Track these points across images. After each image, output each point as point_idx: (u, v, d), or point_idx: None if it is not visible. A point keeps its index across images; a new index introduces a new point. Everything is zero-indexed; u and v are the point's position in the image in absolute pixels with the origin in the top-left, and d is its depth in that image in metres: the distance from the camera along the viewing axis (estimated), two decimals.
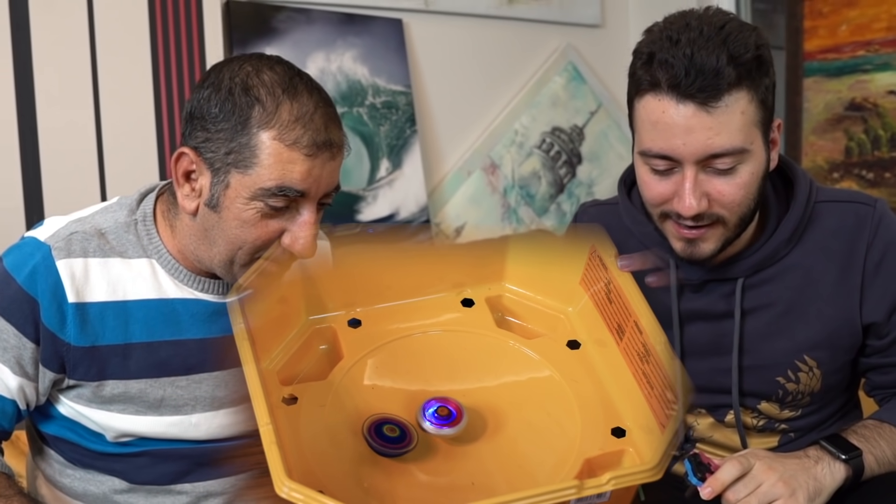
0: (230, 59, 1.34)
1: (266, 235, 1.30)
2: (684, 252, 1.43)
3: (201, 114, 1.29)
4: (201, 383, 1.41)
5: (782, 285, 1.49)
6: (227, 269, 1.34)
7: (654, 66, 1.34)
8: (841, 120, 2.90)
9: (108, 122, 2.28)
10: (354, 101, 2.65)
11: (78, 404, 1.38)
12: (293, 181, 1.27)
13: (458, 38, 2.89)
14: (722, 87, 1.31)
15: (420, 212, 2.71)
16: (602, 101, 3.13)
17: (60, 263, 1.32)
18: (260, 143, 1.26)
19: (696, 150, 1.34)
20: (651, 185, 1.41)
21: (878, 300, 1.48)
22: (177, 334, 1.39)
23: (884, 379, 1.53)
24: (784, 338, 1.49)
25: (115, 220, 1.39)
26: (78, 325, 1.33)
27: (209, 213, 1.31)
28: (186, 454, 1.42)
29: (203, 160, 1.30)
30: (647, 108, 1.37)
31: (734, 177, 1.37)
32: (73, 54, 2.25)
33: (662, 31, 1.36)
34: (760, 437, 1.56)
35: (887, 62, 2.80)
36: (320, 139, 1.28)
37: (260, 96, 1.27)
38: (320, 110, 1.29)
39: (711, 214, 1.39)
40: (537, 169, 3.00)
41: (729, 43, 1.32)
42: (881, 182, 2.82)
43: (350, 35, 2.65)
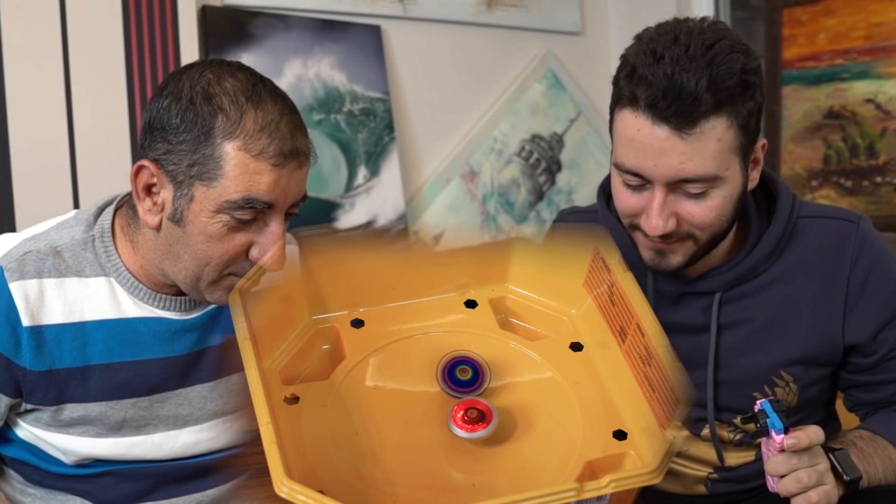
0: (189, 65, 1.30)
1: (234, 249, 1.27)
2: (652, 262, 1.43)
3: (161, 124, 1.25)
4: (164, 402, 1.37)
5: (761, 301, 1.48)
6: (194, 285, 1.31)
7: (635, 81, 1.33)
8: (819, 128, 2.91)
9: (80, 128, 2.24)
10: (332, 108, 2.62)
11: (36, 428, 1.34)
12: (260, 193, 1.24)
13: (437, 44, 2.87)
14: (698, 113, 1.29)
15: (398, 219, 2.69)
16: (582, 109, 3.13)
17: (14, 286, 1.28)
18: (224, 155, 1.22)
19: (666, 173, 1.33)
20: (623, 196, 1.41)
21: (862, 321, 1.46)
22: (137, 354, 1.35)
23: (870, 396, 1.53)
24: (761, 353, 1.48)
25: (71, 236, 1.35)
26: (34, 349, 1.29)
27: (173, 227, 1.27)
28: (150, 472, 1.39)
29: (164, 173, 1.26)
30: (625, 122, 1.35)
31: (705, 200, 1.36)
32: (45, 59, 2.21)
33: (649, 42, 1.34)
34: (737, 451, 1.54)
35: (865, 70, 2.82)
36: (287, 148, 1.25)
37: (223, 105, 1.23)
38: (286, 118, 1.26)
39: (680, 232, 1.38)
40: (516, 176, 2.98)
41: (713, 66, 1.29)
42: (859, 190, 2.84)
43: (328, 41, 2.63)
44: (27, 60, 2.18)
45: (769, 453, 1.28)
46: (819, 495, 1.26)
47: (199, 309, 1.39)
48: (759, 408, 1.28)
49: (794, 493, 1.27)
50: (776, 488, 1.28)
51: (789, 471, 1.26)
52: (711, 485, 1.57)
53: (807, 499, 1.26)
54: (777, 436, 1.25)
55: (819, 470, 1.27)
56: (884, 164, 2.80)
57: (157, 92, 1.28)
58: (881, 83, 2.80)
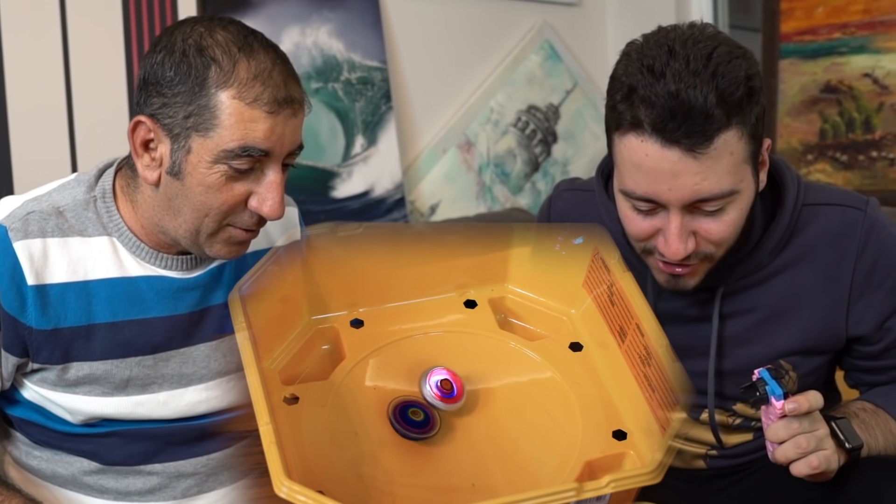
0: (180, 21, 1.31)
1: (232, 199, 1.27)
2: (668, 284, 1.39)
3: (156, 79, 1.26)
4: (168, 361, 1.38)
5: (763, 292, 1.46)
6: (194, 238, 1.31)
7: (636, 103, 1.25)
8: (816, 102, 2.91)
9: (79, 93, 2.23)
10: (329, 77, 2.61)
11: (43, 388, 1.35)
12: (256, 140, 1.24)
13: (435, 14, 2.85)
14: (711, 130, 1.23)
15: (395, 189, 2.68)
16: (578, 81, 3.12)
17: (18, 245, 1.29)
18: (219, 104, 1.23)
19: (682, 196, 1.28)
20: (634, 222, 1.35)
21: (867, 312, 1.45)
22: (141, 313, 1.36)
23: (873, 378, 1.52)
24: (762, 344, 1.47)
25: (73, 197, 1.36)
26: (39, 308, 1.30)
27: (172, 181, 1.28)
28: (156, 434, 1.40)
29: (161, 127, 1.26)
30: (629, 147, 1.29)
31: (722, 216, 1.31)
32: (42, 25, 2.19)
33: (642, 58, 1.27)
34: (736, 434, 1.55)
35: (863, 45, 2.82)
36: (281, 95, 1.25)
37: (216, 56, 1.24)
38: (278, 67, 1.26)
39: (698, 253, 1.34)
40: (512, 147, 2.98)
41: (718, 77, 1.23)
42: (855, 164, 2.85)
43: (325, 10, 2.61)
44: (25, 27, 2.17)
45: (769, 421, 1.28)
46: (819, 459, 1.26)
47: (200, 268, 1.40)
48: (757, 376, 1.27)
49: (794, 459, 1.26)
50: (775, 455, 1.27)
51: (790, 436, 1.25)
52: (710, 460, 1.57)
53: (807, 463, 1.25)
54: (777, 402, 1.25)
55: (818, 435, 1.26)
56: (880, 138, 2.80)
57: (150, 48, 1.29)
58: (879, 58, 2.80)
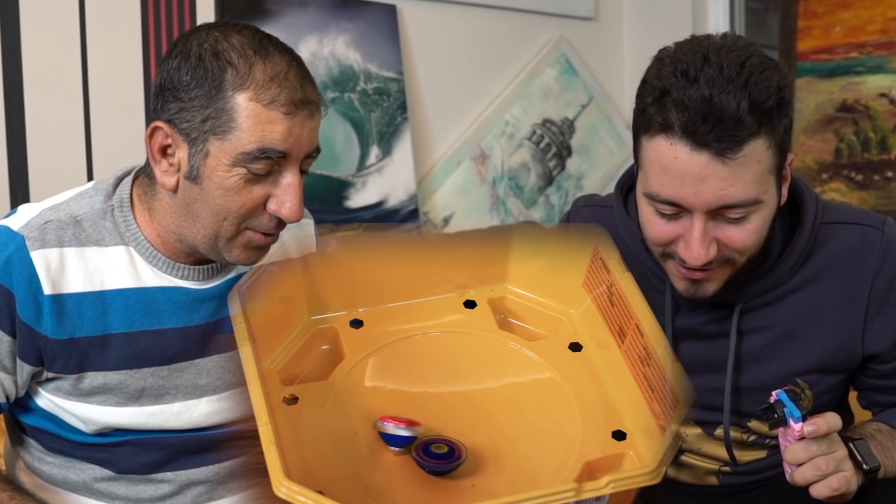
0: (196, 28, 1.31)
1: (251, 202, 1.27)
2: (687, 292, 1.39)
3: (172, 84, 1.26)
4: (183, 372, 1.38)
5: (780, 310, 1.45)
6: (213, 244, 1.31)
7: (668, 106, 1.26)
8: (832, 121, 2.91)
9: (96, 103, 2.25)
10: (346, 87, 2.62)
11: (57, 397, 1.35)
12: (274, 142, 1.24)
13: (452, 26, 2.87)
14: (741, 136, 1.24)
15: (409, 200, 2.69)
16: (593, 95, 3.13)
17: (35, 254, 1.29)
18: (236, 106, 1.23)
19: (708, 201, 1.28)
20: (656, 225, 1.35)
21: (883, 331, 1.44)
22: (157, 324, 1.36)
23: (887, 399, 1.52)
24: (778, 361, 1.46)
25: (90, 206, 1.36)
26: (55, 318, 1.30)
27: (190, 186, 1.28)
28: (168, 443, 1.40)
29: (178, 132, 1.27)
30: (658, 150, 1.29)
31: (745, 224, 1.31)
32: (62, 36, 2.22)
33: (676, 63, 1.28)
34: (750, 451, 1.54)
35: (880, 65, 2.81)
36: (297, 97, 1.25)
37: (231, 59, 1.24)
38: (294, 69, 1.26)
39: (719, 258, 1.34)
40: (527, 161, 2.99)
41: (751, 86, 1.23)
42: (870, 184, 2.83)
43: (343, 20, 2.63)
44: (45, 38, 2.19)
45: (786, 443, 1.27)
46: (839, 481, 1.25)
47: (216, 278, 1.40)
48: (775, 398, 1.26)
49: (813, 481, 1.25)
50: (794, 478, 1.26)
51: (808, 458, 1.24)
52: (723, 477, 1.57)
53: (827, 485, 1.24)
54: (795, 424, 1.24)
55: (837, 457, 1.25)
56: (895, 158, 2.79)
57: (166, 54, 1.30)
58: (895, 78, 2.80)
